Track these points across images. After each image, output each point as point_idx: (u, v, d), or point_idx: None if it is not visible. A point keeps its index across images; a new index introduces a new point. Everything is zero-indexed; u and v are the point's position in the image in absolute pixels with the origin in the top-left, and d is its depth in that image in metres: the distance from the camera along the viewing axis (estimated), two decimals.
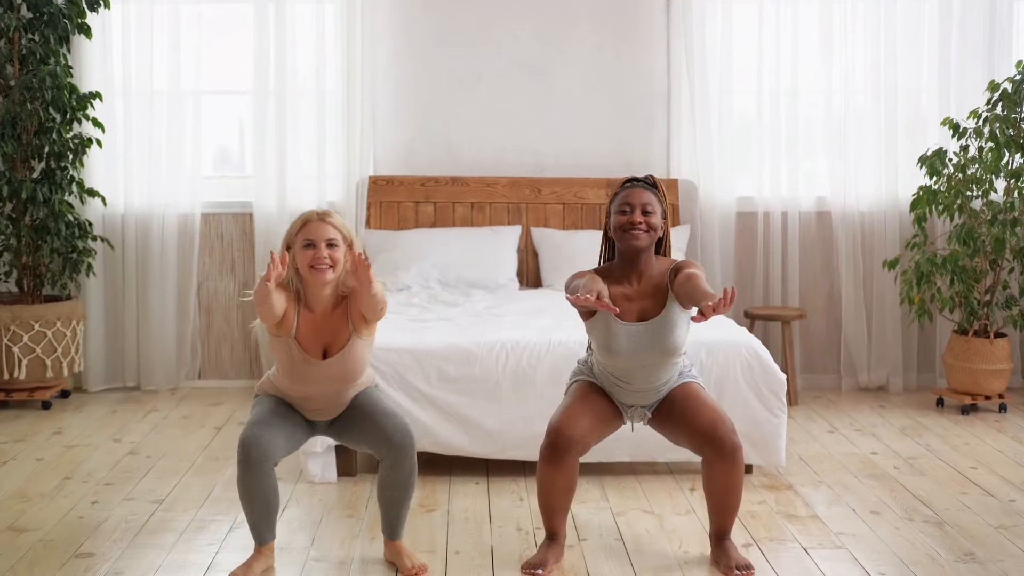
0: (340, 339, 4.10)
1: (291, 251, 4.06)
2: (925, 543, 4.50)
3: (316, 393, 4.16)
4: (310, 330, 4.10)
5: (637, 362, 4.16)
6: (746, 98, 7.40)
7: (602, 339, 4.17)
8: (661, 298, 4.17)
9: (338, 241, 4.04)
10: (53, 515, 4.80)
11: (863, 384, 7.36)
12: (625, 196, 4.19)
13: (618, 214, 4.18)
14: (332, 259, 4.02)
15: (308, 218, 4.07)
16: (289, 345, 4.08)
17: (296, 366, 4.10)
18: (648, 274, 4.21)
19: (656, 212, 4.18)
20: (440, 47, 7.36)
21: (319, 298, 4.09)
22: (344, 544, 4.49)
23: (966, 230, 6.62)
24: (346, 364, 4.10)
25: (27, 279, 6.83)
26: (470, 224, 7.27)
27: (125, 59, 7.14)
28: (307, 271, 4.02)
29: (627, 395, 4.28)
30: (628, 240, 4.15)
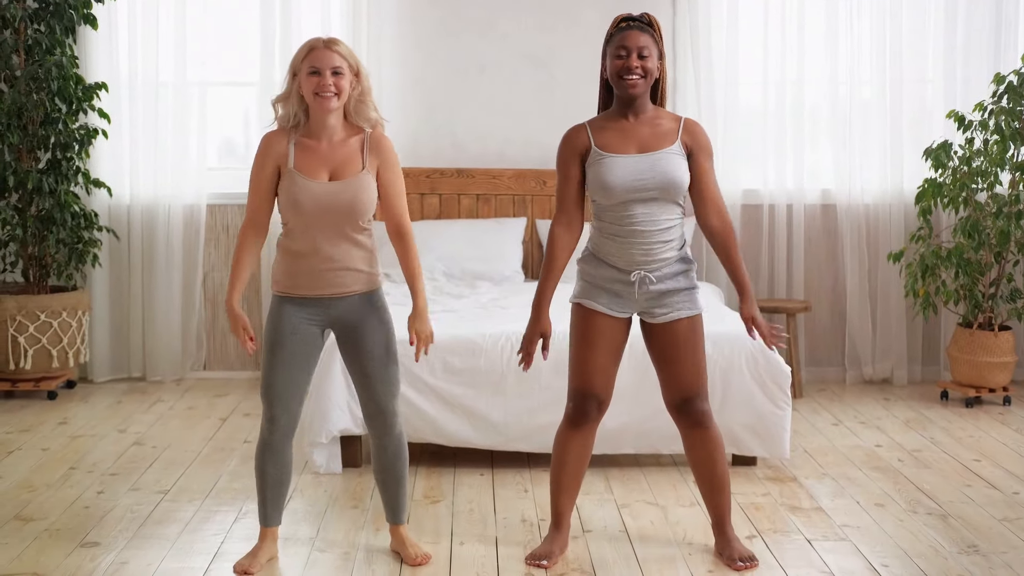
0: (351, 167, 4.02)
1: (296, 78, 4.00)
2: (929, 535, 4.50)
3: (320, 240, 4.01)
4: (312, 157, 4.01)
5: (635, 196, 4.04)
6: (751, 89, 7.39)
7: (599, 177, 4.07)
8: (664, 140, 4.09)
9: (343, 69, 3.97)
10: (59, 505, 4.82)
11: (867, 377, 7.36)
12: (620, 39, 4.09)
13: (614, 58, 4.09)
14: (337, 87, 3.95)
15: (314, 45, 3.99)
16: (289, 180, 3.99)
17: (300, 196, 3.97)
18: (646, 115, 4.13)
19: (652, 55, 4.07)
20: (445, 38, 7.36)
21: (324, 125, 4.01)
22: (349, 535, 4.50)
23: (971, 223, 6.62)
24: (354, 192, 3.99)
25: (33, 270, 6.85)
26: (475, 216, 7.28)
27: (131, 50, 7.14)
28: (312, 98, 3.96)
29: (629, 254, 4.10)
30: (625, 86, 4.06)
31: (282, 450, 4.11)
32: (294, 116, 4.04)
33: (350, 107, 4.05)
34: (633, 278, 4.10)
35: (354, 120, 4.07)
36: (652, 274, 4.09)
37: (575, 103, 7.32)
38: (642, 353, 4.79)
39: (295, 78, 4.01)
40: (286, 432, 4.10)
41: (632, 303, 4.15)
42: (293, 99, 4.03)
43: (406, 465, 4.24)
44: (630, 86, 4.06)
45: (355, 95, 4.04)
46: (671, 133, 4.11)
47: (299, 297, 4.05)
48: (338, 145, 4.03)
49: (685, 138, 4.11)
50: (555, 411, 4.89)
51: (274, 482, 4.15)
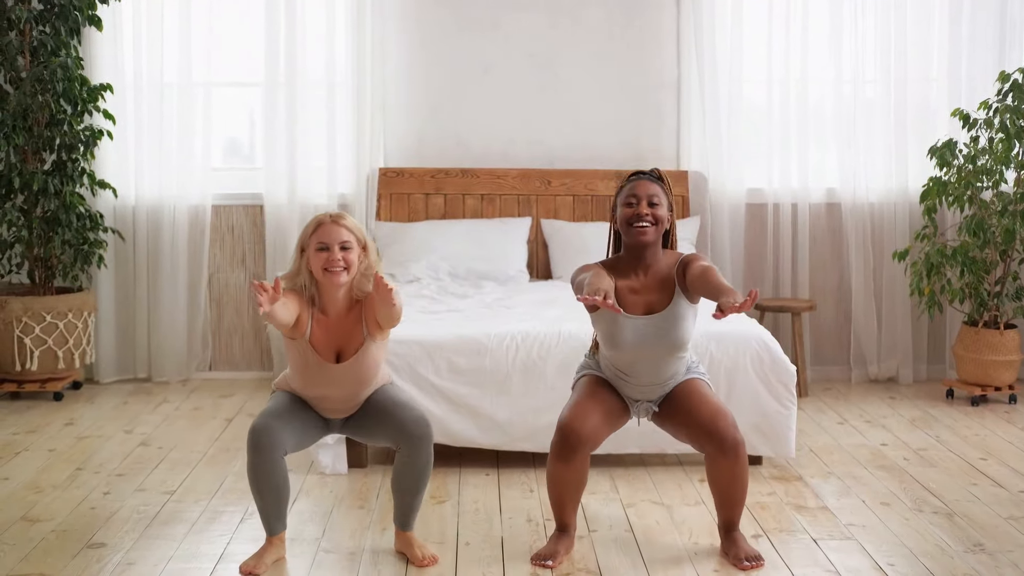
0: (354, 342, 4.11)
1: (305, 254, 4.07)
2: (935, 534, 4.50)
3: (331, 394, 4.17)
4: (323, 333, 4.11)
5: (643, 355, 4.16)
6: (756, 88, 7.39)
7: (607, 332, 4.18)
8: (668, 292, 4.18)
9: (351, 244, 4.04)
10: (65, 506, 4.83)
11: (873, 375, 7.36)
12: (631, 188, 4.19)
13: (624, 207, 4.18)
14: (346, 262, 4.02)
15: (321, 220, 4.07)
16: (303, 348, 4.10)
17: (310, 369, 4.11)
18: (655, 267, 4.21)
19: (662, 204, 4.17)
20: (450, 38, 7.36)
21: (333, 300, 4.10)
22: (355, 535, 4.51)
23: (976, 221, 6.61)
24: (360, 368, 4.11)
25: (39, 271, 6.86)
26: (480, 216, 7.27)
27: (136, 51, 7.15)
28: (321, 274, 4.03)
29: (633, 389, 4.28)
30: (634, 233, 4.15)
31: (274, 468, 4.06)
32: (307, 290, 4.12)
33: (355, 281, 4.11)
34: (635, 409, 4.32)
35: (355, 293, 4.14)
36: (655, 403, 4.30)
37: (579, 103, 7.36)
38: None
39: (303, 254, 4.09)
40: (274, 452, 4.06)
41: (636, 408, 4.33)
42: (303, 275, 4.10)
43: (427, 481, 4.24)
44: (640, 233, 4.15)
45: (361, 269, 4.10)
46: (670, 281, 4.19)
47: None
48: (344, 320, 4.12)
49: (680, 280, 4.17)
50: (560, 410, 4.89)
51: (274, 498, 4.12)
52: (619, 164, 7.33)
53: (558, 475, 4.22)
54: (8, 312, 6.57)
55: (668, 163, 7.39)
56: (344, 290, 4.09)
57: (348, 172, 7.29)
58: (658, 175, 4.25)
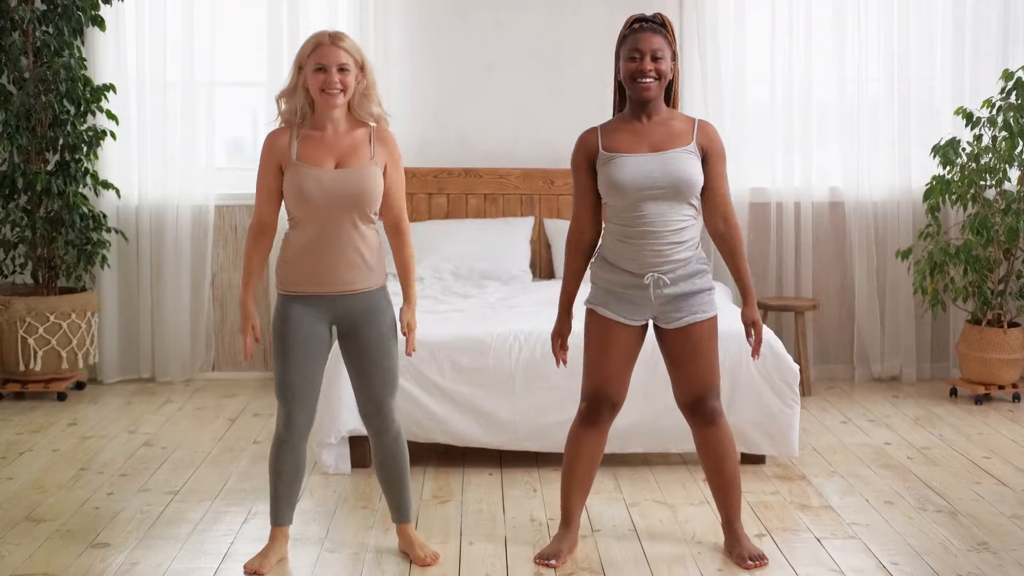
0: (357, 157, 4.03)
1: (302, 72, 4.01)
2: (938, 533, 4.50)
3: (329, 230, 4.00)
4: (317, 147, 4.02)
5: (647, 195, 4.02)
6: (759, 87, 7.38)
7: (609, 177, 4.06)
8: (677, 140, 4.08)
9: (349, 65, 3.98)
10: (69, 506, 4.83)
11: (876, 374, 7.36)
12: (634, 42, 4.08)
13: (627, 60, 4.09)
14: (343, 83, 3.97)
15: (320, 40, 4.00)
16: (295, 168, 3.99)
17: (306, 184, 3.97)
18: (658, 116, 4.13)
19: (665, 57, 4.07)
20: (453, 38, 7.36)
21: (330, 117, 4.03)
22: (358, 535, 4.51)
23: (979, 220, 6.61)
24: (360, 179, 4.00)
25: (42, 271, 6.86)
26: (483, 216, 7.28)
27: (139, 51, 7.16)
28: (317, 95, 3.98)
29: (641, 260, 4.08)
30: (638, 89, 4.07)
31: (298, 448, 4.13)
32: (300, 110, 4.06)
33: (354, 101, 4.06)
34: (647, 280, 4.08)
35: (357, 114, 4.09)
36: (666, 275, 4.08)
37: (583, 102, 7.34)
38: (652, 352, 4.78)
39: (300, 72, 4.03)
40: (303, 430, 4.11)
41: (647, 308, 4.13)
42: (299, 93, 4.04)
43: (407, 463, 4.24)
44: (643, 89, 4.06)
45: (360, 89, 4.05)
46: (686, 133, 4.10)
47: (305, 295, 4.06)
48: (344, 135, 4.05)
49: (701, 139, 4.10)
50: (564, 410, 4.90)
51: (288, 480, 4.15)
52: None
53: (578, 445, 4.21)
54: (12, 312, 6.58)
55: None
56: (341, 110, 4.04)
57: None
58: (661, 21, 4.15)
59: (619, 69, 4.16)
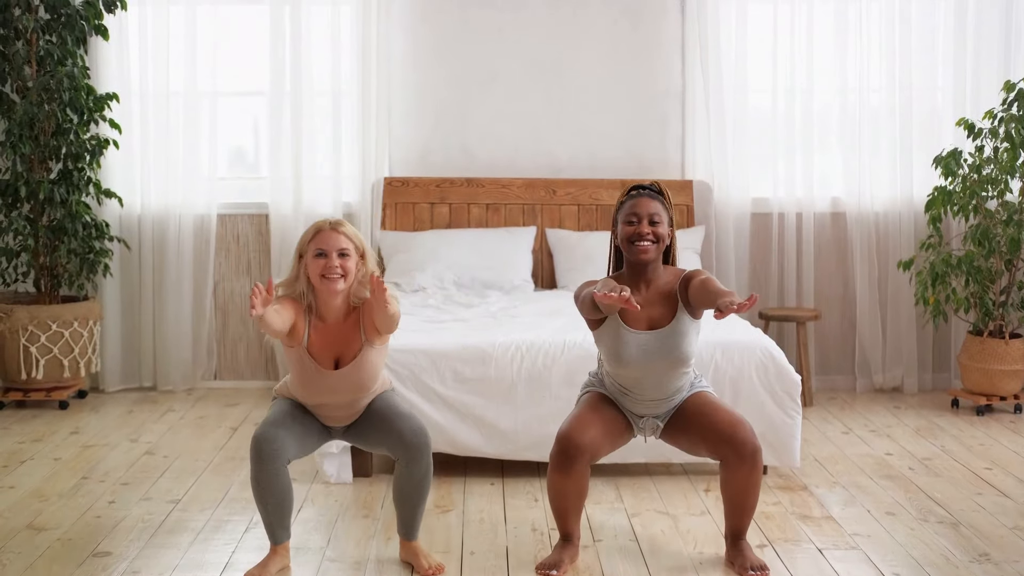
0: (352, 349, 4.11)
1: (303, 260, 4.08)
2: (940, 544, 4.50)
3: (330, 402, 4.17)
4: (322, 340, 4.11)
5: (647, 371, 4.16)
6: (761, 97, 7.39)
7: (611, 348, 4.18)
8: (671, 307, 4.18)
9: (350, 251, 4.04)
10: (71, 514, 4.83)
11: (878, 385, 7.35)
12: (632, 206, 4.19)
13: (625, 224, 4.19)
14: (344, 269, 4.03)
15: (320, 227, 4.08)
16: (301, 356, 4.10)
17: (309, 376, 4.11)
18: (656, 283, 4.22)
19: (663, 221, 4.18)
20: (455, 48, 7.37)
21: (330, 307, 4.10)
22: (360, 544, 4.51)
23: (981, 230, 6.61)
24: (359, 374, 4.11)
25: (44, 279, 6.87)
26: (485, 225, 7.28)
27: (142, 60, 7.17)
28: (318, 281, 4.03)
29: (637, 405, 4.28)
30: (636, 252, 4.16)
31: (278, 477, 4.06)
32: (304, 297, 4.12)
33: (352, 288, 4.11)
34: (641, 425, 4.32)
35: (354, 300, 4.14)
36: (660, 419, 4.30)
37: (585, 111, 7.37)
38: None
39: (301, 260, 4.09)
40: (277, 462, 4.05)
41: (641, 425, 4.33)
42: (300, 282, 4.10)
43: (428, 490, 4.23)
44: (641, 252, 4.16)
45: (359, 276, 4.10)
46: (674, 296, 4.19)
47: None
48: (342, 327, 4.13)
49: (682, 295, 4.17)
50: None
51: (276, 509, 4.12)
52: (624, 174, 7.33)
53: (557, 485, 4.22)
54: (14, 321, 6.58)
55: (673, 172, 7.40)
56: (342, 297, 4.09)
57: (353, 181, 7.30)
58: (658, 189, 4.25)
59: (616, 233, 4.26)
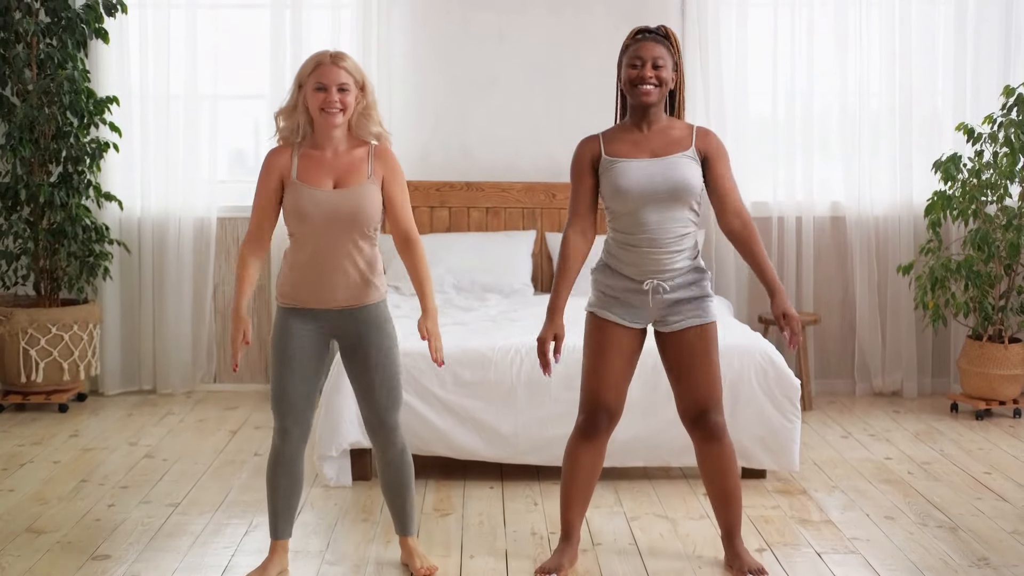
0: (355, 176, 4.04)
1: (302, 91, 4.03)
2: (939, 548, 4.50)
3: (328, 248, 4.02)
4: (316, 167, 4.03)
5: (648, 202, 4.05)
6: (760, 100, 7.39)
7: (613, 182, 4.08)
8: (677, 146, 4.10)
9: (349, 85, 3.99)
10: (70, 517, 4.84)
11: (877, 389, 7.36)
12: (636, 49, 4.11)
13: (628, 67, 4.11)
14: (343, 103, 3.98)
15: (320, 60, 4.01)
16: (294, 187, 4.02)
17: (305, 204, 3.99)
18: (659, 125, 4.15)
19: (667, 65, 4.10)
20: (455, 51, 7.37)
21: (329, 137, 4.05)
22: (359, 547, 4.51)
23: (981, 235, 6.62)
24: (359, 199, 4.00)
25: (44, 282, 6.87)
26: (485, 229, 7.29)
27: (142, 64, 7.18)
28: (317, 114, 4.00)
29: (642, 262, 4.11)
30: (638, 95, 4.10)
31: (295, 461, 4.13)
32: (300, 129, 4.07)
33: (354, 120, 4.08)
34: (646, 287, 4.11)
35: (357, 134, 4.11)
36: (665, 283, 4.10)
37: (585, 115, 7.34)
38: (653, 366, 4.81)
39: (300, 91, 4.04)
40: (299, 443, 4.11)
41: (646, 313, 4.15)
42: (299, 112, 4.06)
43: (411, 477, 4.24)
44: (643, 94, 4.09)
45: (359, 109, 4.07)
46: (684, 139, 4.13)
47: (305, 309, 4.07)
48: (343, 155, 4.06)
49: (699, 144, 4.13)
50: (565, 424, 4.89)
51: (286, 494, 4.15)
52: None
53: (578, 456, 4.20)
54: (14, 324, 6.59)
55: None
56: (342, 128, 4.06)
57: None
58: (664, 32, 4.17)
59: (620, 77, 4.18)
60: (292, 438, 4.09)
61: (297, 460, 4.14)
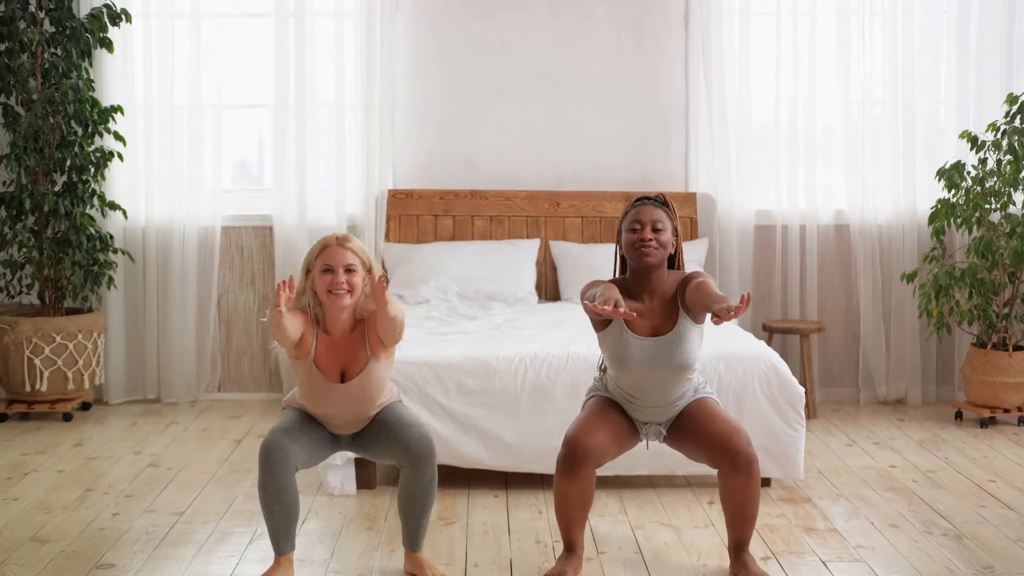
0: (358, 362, 4.13)
1: (310, 275, 4.09)
2: (944, 556, 4.49)
3: (336, 413, 4.19)
4: (328, 353, 4.13)
5: (650, 377, 4.19)
6: (764, 109, 7.40)
7: (615, 352, 4.21)
8: (674, 313, 4.21)
9: (356, 267, 4.07)
10: (75, 526, 4.83)
11: (881, 397, 7.35)
12: (635, 214, 4.23)
13: (629, 232, 4.22)
14: (350, 284, 4.05)
15: (327, 243, 4.10)
16: (308, 368, 4.12)
17: (316, 388, 4.13)
18: (660, 290, 4.25)
19: (666, 229, 4.22)
20: (459, 60, 7.38)
21: (337, 321, 4.12)
22: (364, 556, 4.51)
23: (984, 243, 6.62)
24: (365, 387, 4.13)
25: (49, 292, 6.88)
26: (489, 237, 7.29)
27: (146, 73, 7.19)
28: (325, 296, 4.05)
29: (641, 412, 4.30)
30: (639, 257, 4.19)
31: (284, 486, 4.06)
32: (311, 311, 4.14)
33: (358, 302, 4.14)
34: (645, 431, 4.35)
35: (360, 314, 4.17)
36: (663, 425, 4.33)
37: (588, 124, 7.37)
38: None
39: (308, 275, 4.12)
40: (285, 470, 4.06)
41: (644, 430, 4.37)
42: (307, 296, 4.13)
43: (434, 499, 4.24)
44: (644, 255, 4.19)
45: (366, 291, 4.13)
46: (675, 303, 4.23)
47: None
48: (347, 338, 4.15)
49: (681, 298, 4.21)
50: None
51: (282, 515, 4.11)
52: (628, 186, 7.34)
53: (564, 490, 4.23)
54: (18, 333, 6.59)
55: (676, 185, 7.40)
56: (348, 312, 4.12)
57: (357, 194, 7.31)
58: (663, 200, 4.29)
59: (621, 243, 4.31)
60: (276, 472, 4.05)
61: (287, 484, 4.06)
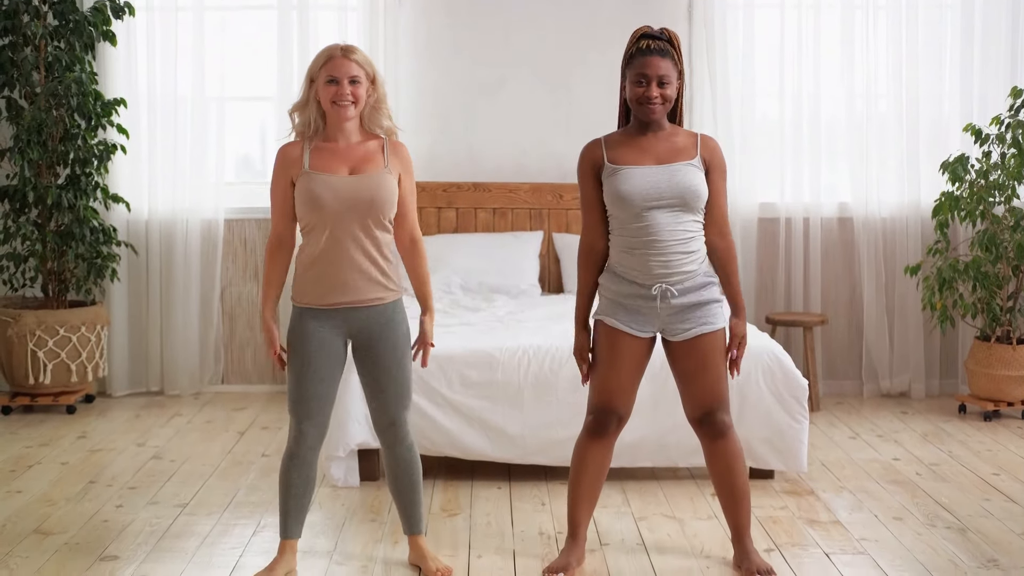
0: (371, 165, 4.04)
1: (314, 85, 4.04)
2: (947, 549, 4.49)
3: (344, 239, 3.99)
4: (330, 156, 4.03)
5: (653, 207, 4.05)
6: (768, 103, 7.39)
7: (615, 189, 4.09)
8: (680, 155, 4.13)
9: (360, 78, 4.01)
10: (78, 518, 4.84)
11: (885, 390, 7.35)
12: (640, 66, 4.09)
13: (634, 85, 4.11)
14: (354, 95, 4.00)
15: (331, 53, 4.03)
16: (307, 177, 4.00)
17: (319, 190, 3.97)
18: (662, 133, 4.17)
19: (671, 82, 4.10)
20: (462, 53, 7.38)
21: (341, 130, 4.06)
22: (367, 547, 4.51)
23: (988, 236, 6.61)
24: (376, 184, 4.00)
25: (52, 284, 6.88)
26: (492, 230, 7.29)
27: (150, 66, 7.19)
28: (329, 107, 4.01)
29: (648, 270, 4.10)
30: (645, 113, 4.11)
31: (309, 462, 4.12)
32: (312, 122, 4.08)
33: (365, 113, 4.09)
34: (654, 292, 4.10)
35: (368, 127, 4.12)
36: (673, 287, 4.10)
37: (592, 116, 7.36)
38: (660, 366, 4.80)
39: (312, 85, 4.06)
40: (314, 444, 4.11)
41: (654, 320, 4.15)
42: (311, 106, 4.07)
43: (419, 474, 4.25)
44: (650, 112, 4.11)
45: (371, 102, 4.08)
46: (689, 148, 4.15)
47: (320, 309, 4.06)
48: (356, 147, 4.07)
49: (704, 153, 4.15)
50: (572, 425, 4.90)
51: (298, 493, 4.15)
52: None
53: (586, 455, 4.21)
54: (22, 326, 6.59)
55: None
56: (353, 122, 4.07)
57: None
58: (668, 38, 4.16)
59: (625, 88, 4.18)
60: (308, 439, 4.09)
61: (312, 461, 4.13)
